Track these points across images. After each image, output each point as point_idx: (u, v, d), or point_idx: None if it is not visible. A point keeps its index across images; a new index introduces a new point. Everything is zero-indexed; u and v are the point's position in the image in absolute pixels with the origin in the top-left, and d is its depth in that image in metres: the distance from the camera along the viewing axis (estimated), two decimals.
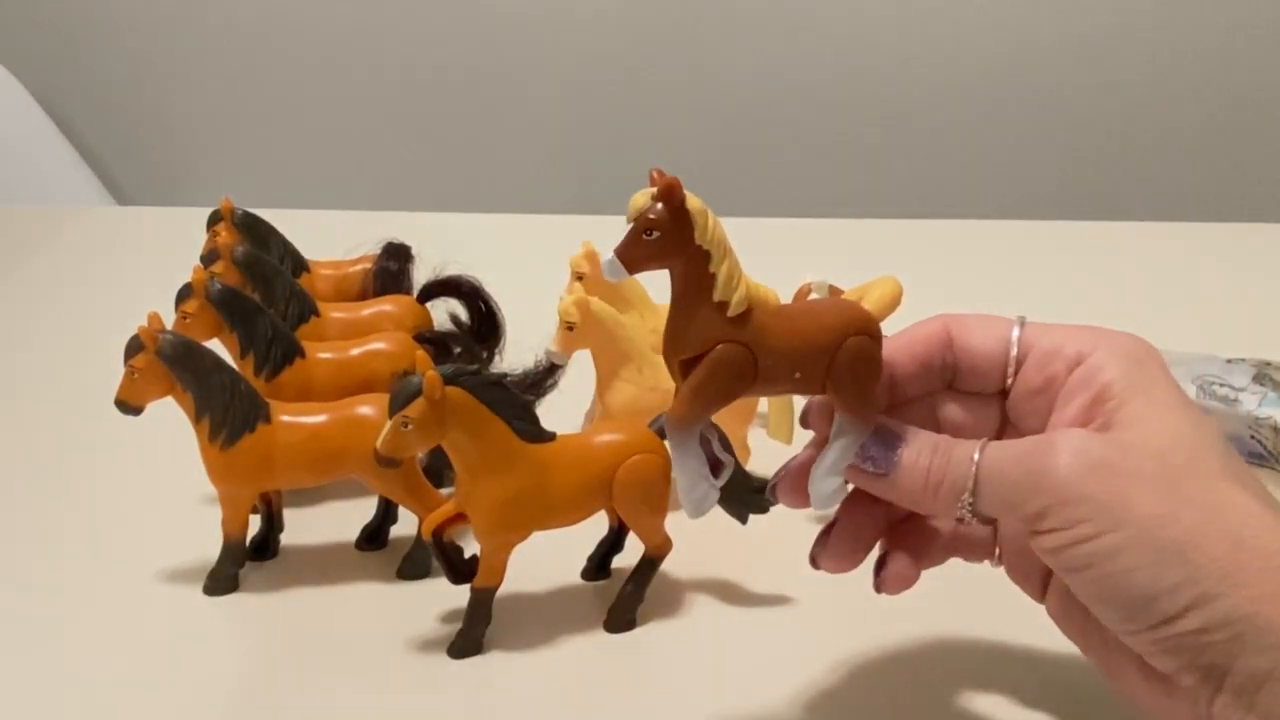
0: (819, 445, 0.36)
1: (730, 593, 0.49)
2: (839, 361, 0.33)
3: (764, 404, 0.53)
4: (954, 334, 0.37)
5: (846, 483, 0.35)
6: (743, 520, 0.47)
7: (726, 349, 0.32)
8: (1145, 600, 0.30)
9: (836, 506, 0.36)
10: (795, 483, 0.36)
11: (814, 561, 0.37)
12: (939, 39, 1.55)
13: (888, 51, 1.56)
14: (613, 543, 0.49)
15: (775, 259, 0.87)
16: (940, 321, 0.37)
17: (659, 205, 0.30)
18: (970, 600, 0.42)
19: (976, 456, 0.33)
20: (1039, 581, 0.37)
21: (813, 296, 0.55)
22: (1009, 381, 0.36)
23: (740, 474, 0.46)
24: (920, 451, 0.34)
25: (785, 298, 0.56)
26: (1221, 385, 0.56)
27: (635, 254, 0.30)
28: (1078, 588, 0.32)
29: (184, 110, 1.73)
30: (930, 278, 0.85)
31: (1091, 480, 0.31)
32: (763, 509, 0.46)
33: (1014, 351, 0.36)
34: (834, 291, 0.56)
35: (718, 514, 0.44)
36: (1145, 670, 0.32)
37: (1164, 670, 0.31)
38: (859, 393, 0.34)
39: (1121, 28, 1.52)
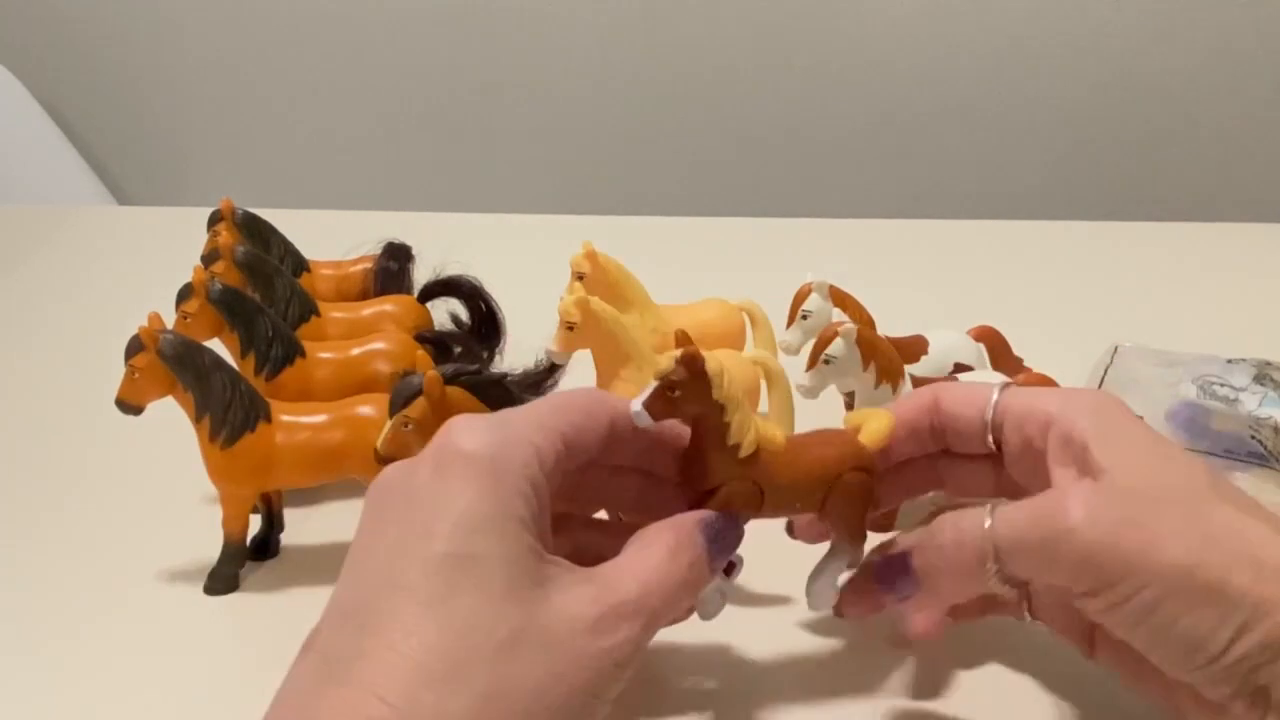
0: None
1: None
2: (835, 493, 0.38)
3: (764, 404, 0.53)
4: (941, 400, 0.39)
5: (838, 587, 0.39)
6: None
7: (738, 486, 0.36)
8: (1194, 643, 0.31)
9: (831, 606, 0.40)
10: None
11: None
12: (939, 39, 1.55)
13: (889, 52, 1.57)
14: None
15: (775, 259, 0.86)
16: (930, 390, 0.40)
17: (682, 369, 0.34)
18: None
19: (988, 523, 0.34)
20: (1085, 636, 0.38)
21: (813, 296, 0.55)
22: (989, 444, 0.39)
23: None
24: (925, 551, 0.36)
25: (786, 298, 0.56)
26: (1221, 385, 0.56)
27: (660, 407, 0.34)
28: (1132, 641, 0.33)
29: (184, 110, 1.73)
30: (930, 278, 0.85)
31: (1111, 538, 0.32)
32: None
33: (989, 416, 0.38)
34: (834, 291, 0.56)
35: None
36: (1198, 700, 0.33)
37: (1215, 699, 0.32)
38: (852, 519, 0.38)
39: (1121, 27, 1.53)
